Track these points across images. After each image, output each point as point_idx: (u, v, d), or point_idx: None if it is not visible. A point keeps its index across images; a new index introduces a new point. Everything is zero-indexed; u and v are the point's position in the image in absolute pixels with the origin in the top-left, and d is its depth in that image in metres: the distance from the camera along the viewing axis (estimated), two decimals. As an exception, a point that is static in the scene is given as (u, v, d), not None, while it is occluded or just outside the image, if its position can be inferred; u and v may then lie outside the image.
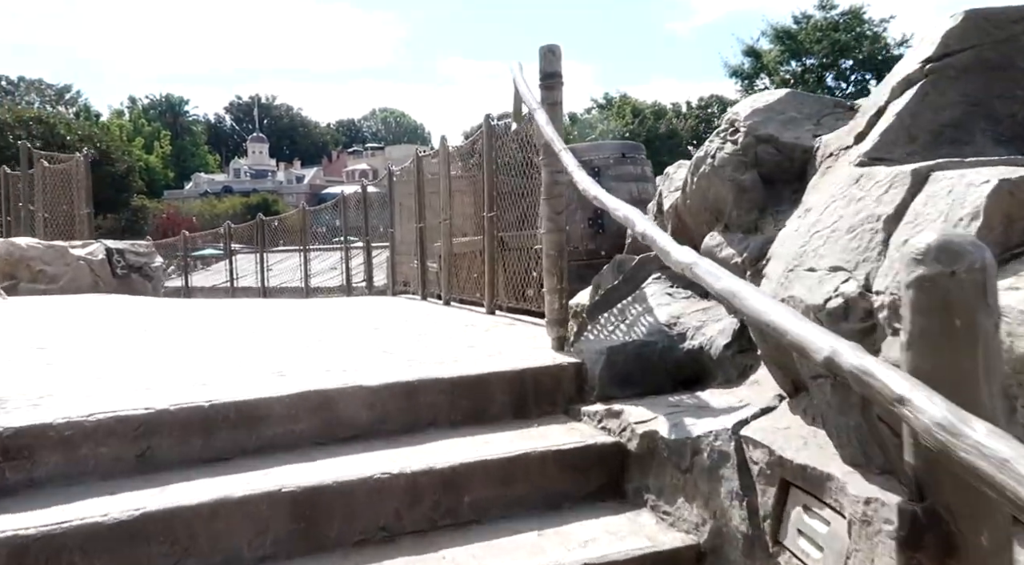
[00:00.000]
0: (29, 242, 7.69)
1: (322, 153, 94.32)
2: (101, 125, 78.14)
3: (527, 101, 3.16)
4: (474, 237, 6.39)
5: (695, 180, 2.90)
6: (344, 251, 10.58)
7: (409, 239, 8.55)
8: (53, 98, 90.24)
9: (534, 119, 3.25)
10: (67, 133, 57.67)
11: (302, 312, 5.78)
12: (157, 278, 8.71)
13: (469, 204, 6.52)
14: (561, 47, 3.30)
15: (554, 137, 2.95)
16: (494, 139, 5.52)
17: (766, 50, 47.10)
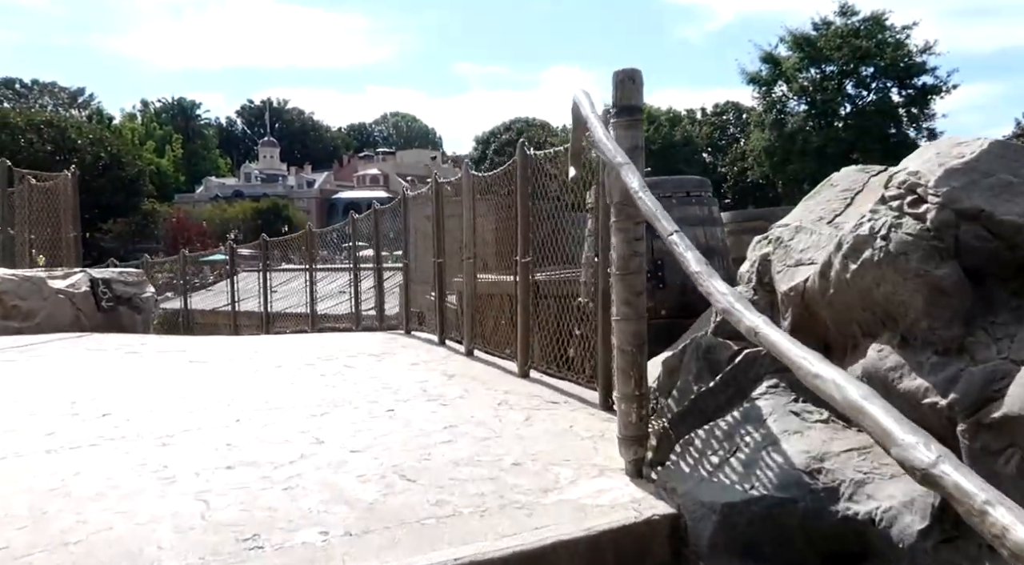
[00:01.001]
0: (3, 274, 6.91)
1: (333, 157, 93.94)
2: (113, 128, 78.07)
3: (600, 146, 2.28)
4: (502, 277, 5.55)
5: (850, 266, 2.04)
6: (353, 273, 9.75)
7: (425, 266, 7.73)
8: (66, 101, 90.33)
9: (614, 173, 2.39)
10: (78, 137, 57.52)
11: (299, 373, 4.93)
12: (147, 310, 7.91)
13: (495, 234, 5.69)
14: (642, 73, 2.46)
15: (642, 194, 2.09)
16: (530, 170, 4.68)
17: (784, 57, 46.18)
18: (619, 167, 2.09)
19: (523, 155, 4.72)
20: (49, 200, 8.58)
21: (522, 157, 4.73)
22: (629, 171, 2.09)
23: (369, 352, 5.90)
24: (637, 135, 2.45)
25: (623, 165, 2.13)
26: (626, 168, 2.10)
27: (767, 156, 47.10)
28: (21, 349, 5.38)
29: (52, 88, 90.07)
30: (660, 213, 1.93)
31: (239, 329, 11.59)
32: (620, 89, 2.44)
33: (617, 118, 2.45)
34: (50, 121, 58.94)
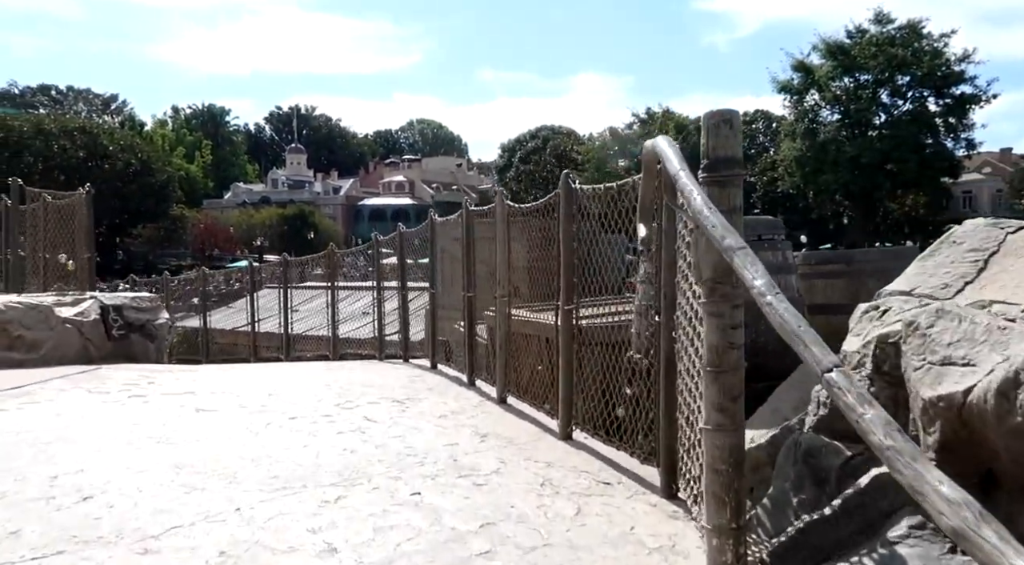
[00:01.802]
0: (8, 301, 6.53)
1: (359, 164, 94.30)
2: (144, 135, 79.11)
3: (702, 220, 1.72)
4: (539, 317, 5.02)
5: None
6: (376, 300, 9.28)
7: (453, 290, 7.25)
8: (99, 107, 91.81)
9: (706, 244, 1.85)
10: (110, 143, 58.20)
11: (315, 428, 4.44)
12: (161, 337, 7.50)
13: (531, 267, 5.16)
14: (739, 115, 1.93)
15: (751, 269, 1.53)
16: (575, 205, 4.14)
17: (816, 65, 45.22)
18: (731, 253, 1.55)
19: (567, 188, 4.19)
20: (64, 219, 8.24)
21: (566, 190, 4.20)
22: (745, 259, 1.53)
23: (392, 397, 5.40)
24: (735, 194, 1.92)
25: (735, 251, 1.58)
26: (741, 255, 1.54)
27: (798, 166, 46.09)
28: (14, 394, 4.95)
29: (86, 95, 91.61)
30: (752, 268, 1.39)
31: (258, 351, 11.19)
32: (714, 135, 1.91)
33: (709, 173, 1.92)
34: (83, 127, 59.73)
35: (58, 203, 8.42)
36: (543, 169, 64.75)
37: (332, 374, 6.82)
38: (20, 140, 54.56)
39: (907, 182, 44.81)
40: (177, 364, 12.51)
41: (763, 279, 1.38)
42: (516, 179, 67.60)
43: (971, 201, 54.75)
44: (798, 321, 1.46)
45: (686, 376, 2.78)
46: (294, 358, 10.52)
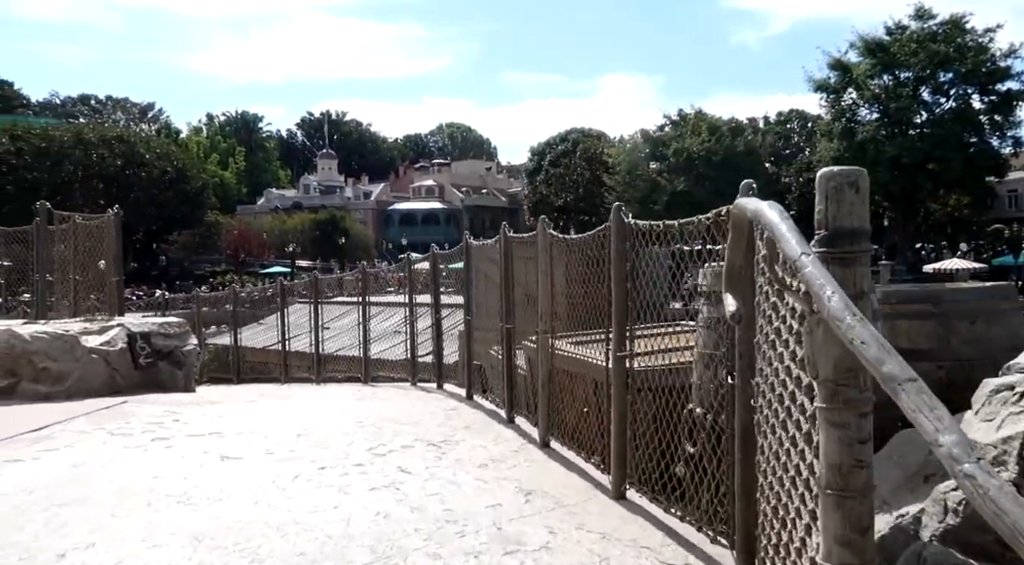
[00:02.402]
0: (34, 331, 6.36)
1: (389, 168, 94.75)
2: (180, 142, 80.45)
3: (834, 315, 1.32)
4: (586, 353, 4.65)
5: None
6: (409, 316, 8.98)
7: (490, 311, 6.92)
8: (137, 116, 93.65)
9: (824, 333, 1.47)
10: (146, 151, 59.19)
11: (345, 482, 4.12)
12: (189, 364, 7.28)
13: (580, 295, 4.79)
14: (866, 175, 1.55)
15: (930, 416, 1.15)
16: (629, 242, 3.76)
17: (854, 63, 44.11)
18: (895, 385, 1.16)
19: (620, 222, 3.81)
20: (93, 241, 8.09)
21: (618, 224, 3.82)
22: (919, 399, 1.13)
23: (428, 438, 5.06)
24: (862, 275, 1.54)
25: (902, 384, 1.19)
26: (912, 392, 1.14)
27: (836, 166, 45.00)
28: (34, 438, 4.73)
29: (124, 103, 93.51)
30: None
31: (290, 370, 10.98)
32: (835, 201, 1.54)
33: (829, 247, 1.54)
34: (121, 136, 60.85)
35: (87, 224, 8.29)
36: (573, 172, 64.22)
37: (364, 405, 6.52)
38: (61, 149, 55.73)
39: (950, 182, 43.48)
40: (208, 384, 12.43)
41: (953, 436, 0.99)
42: (546, 182, 67.16)
43: (1017, 201, 52.89)
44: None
45: (771, 457, 2.40)
46: (325, 379, 10.28)
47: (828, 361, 1.55)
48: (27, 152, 54.36)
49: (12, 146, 54.27)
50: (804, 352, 1.65)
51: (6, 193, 52.77)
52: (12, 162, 53.71)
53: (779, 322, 2.15)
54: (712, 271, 3.55)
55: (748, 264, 2.02)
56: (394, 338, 10.65)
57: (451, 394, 7.37)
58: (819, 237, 1.58)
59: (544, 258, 4.87)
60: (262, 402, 6.75)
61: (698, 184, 50.92)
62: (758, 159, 54.71)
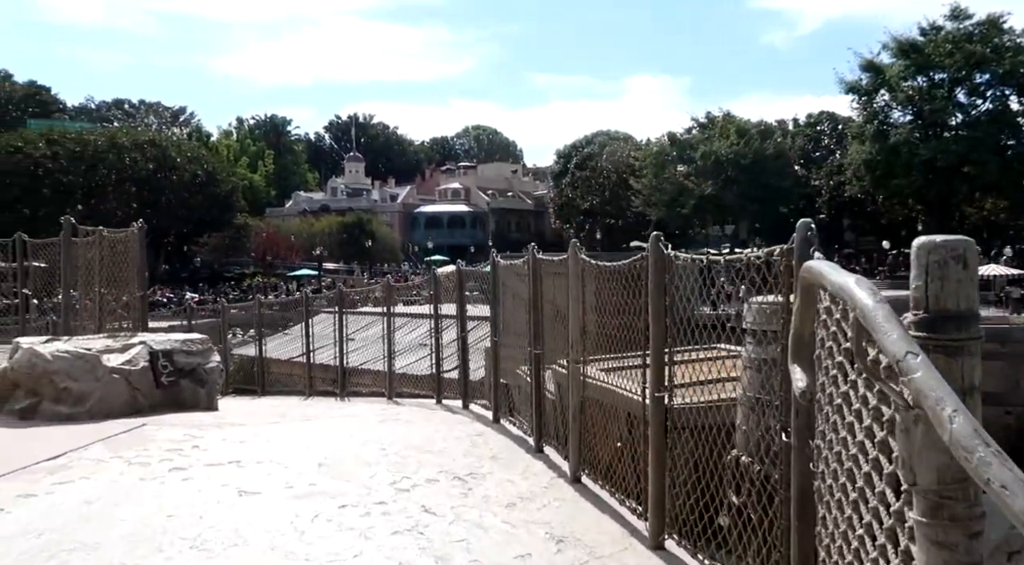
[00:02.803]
0: (55, 350, 6.29)
1: (416, 171, 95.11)
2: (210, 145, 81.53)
3: (958, 441, 1.10)
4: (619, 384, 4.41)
5: None
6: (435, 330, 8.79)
7: (517, 329, 6.70)
8: (169, 120, 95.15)
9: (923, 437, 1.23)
10: (177, 155, 60.01)
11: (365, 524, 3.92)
12: (212, 382, 7.16)
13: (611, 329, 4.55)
14: (974, 245, 1.30)
15: None
16: (668, 274, 3.52)
17: (887, 64, 43.15)
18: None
19: (658, 252, 3.57)
20: (118, 256, 8.03)
21: (656, 254, 3.57)
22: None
23: (453, 470, 4.86)
24: (972, 367, 1.29)
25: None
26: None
27: (868, 169, 44.08)
28: (50, 467, 4.62)
29: (157, 107, 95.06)
30: None
31: (314, 382, 10.87)
32: (938, 278, 1.29)
33: (932, 332, 1.28)
34: (153, 140, 61.77)
35: (112, 237, 8.23)
36: (599, 175, 63.77)
37: (387, 429, 6.34)
38: (95, 153, 56.73)
39: (986, 185, 42.34)
40: (233, 395, 12.39)
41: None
42: (572, 185, 66.78)
43: (1057, 205, 51.32)
44: None
45: (837, 536, 2.15)
46: (349, 393, 10.15)
47: (930, 469, 1.31)
48: (63, 156, 55.43)
49: (48, 150, 55.38)
50: (898, 451, 1.41)
51: (42, 197, 53.85)
52: (48, 166, 54.81)
53: (847, 387, 1.90)
54: (759, 308, 3.30)
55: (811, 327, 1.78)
56: (419, 351, 10.48)
57: (477, 416, 7.16)
58: (917, 319, 1.34)
59: (575, 284, 4.64)
60: (284, 424, 6.61)
61: (726, 187, 50.24)
62: (787, 162, 53.86)
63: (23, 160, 54.34)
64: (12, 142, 55.51)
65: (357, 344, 11.47)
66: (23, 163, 54.20)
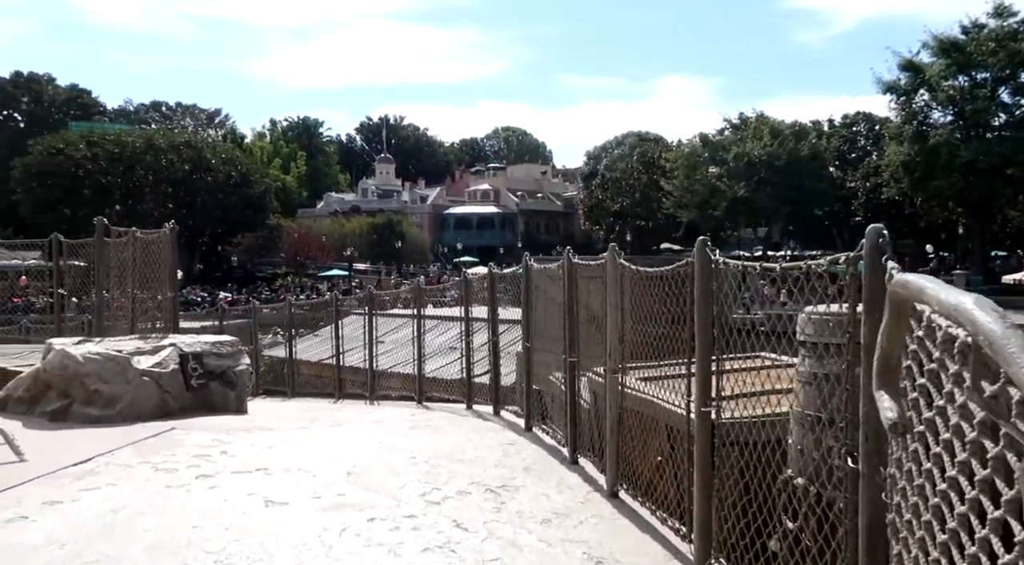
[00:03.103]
0: (87, 352, 6.26)
1: (446, 172, 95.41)
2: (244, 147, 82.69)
3: None
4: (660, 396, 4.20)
5: None
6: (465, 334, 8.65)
7: (549, 332, 6.53)
8: (204, 122, 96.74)
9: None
10: (212, 156, 60.94)
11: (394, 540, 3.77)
12: (242, 384, 7.10)
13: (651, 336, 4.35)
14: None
15: None
16: (715, 283, 3.31)
17: (926, 63, 42.02)
18: None
19: (705, 259, 3.36)
20: (150, 256, 8.03)
21: (703, 261, 3.37)
22: None
23: (485, 482, 4.69)
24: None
25: None
26: None
27: (906, 171, 42.97)
28: (77, 473, 4.55)
29: (193, 110, 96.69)
30: None
31: (343, 385, 10.80)
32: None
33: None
34: (188, 142, 62.81)
35: (145, 238, 8.23)
36: (630, 176, 63.21)
37: (417, 436, 6.20)
38: (133, 155, 57.85)
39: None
40: (264, 396, 12.40)
41: None
42: (602, 187, 66.30)
43: (1106, 208, 49.60)
44: None
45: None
46: (379, 397, 10.05)
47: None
48: (102, 157, 56.62)
49: (88, 152, 56.61)
50: (1013, 494, 1.20)
51: (82, 197, 55.10)
52: (88, 167, 56.02)
53: (933, 413, 1.68)
54: (818, 320, 3.07)
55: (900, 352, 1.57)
56: (449, 354, 10.35)
57: (509, 423, 6.98)
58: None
59: (614, 290, 4.44)
60: (313, 429, 6.50)
61: (759, 189, 49.41)
62: (823, 163, 52.82)
63: (64, 161, 55.62)
64: (54, 144, 56.87)
65: (387, 346, 11.38)
66: (64, 164, 55.49)
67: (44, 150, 56.33)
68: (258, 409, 7.52)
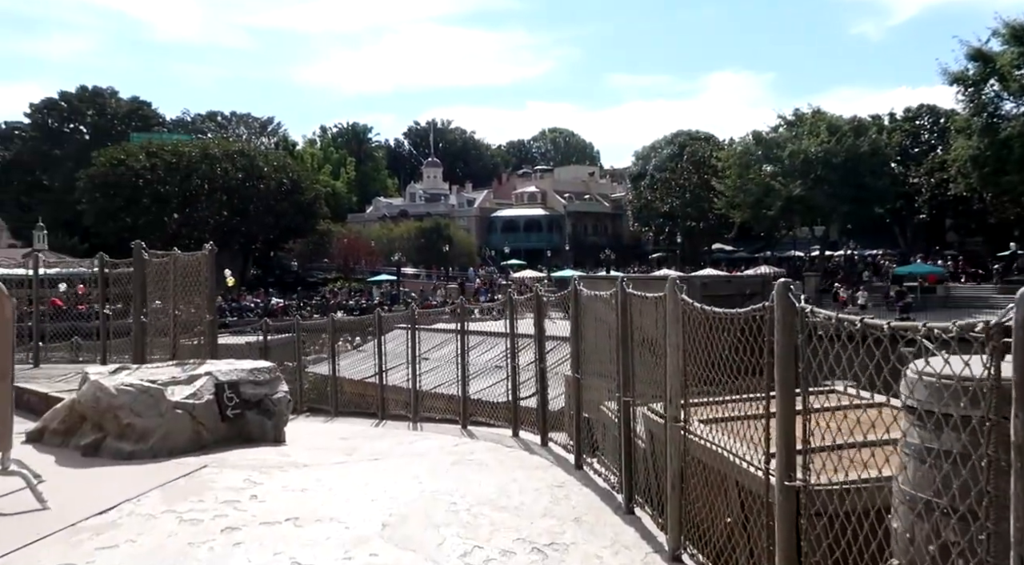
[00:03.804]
0: (120, 384, 6.06)
1: (493, 175, 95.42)
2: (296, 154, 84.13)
3: None
4: (732, 448, 3.69)
5: None
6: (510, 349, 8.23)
7: (601, 357, 6.08)
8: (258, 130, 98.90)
9: None
10: (264, 164, 62.14)
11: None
12: (280, 413, 6.82)
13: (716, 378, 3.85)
14: None
15: None
16: (803, 334, 2.80)
17: (997, 52, 39.85)
18: None
19: (787, 305, 2.85)
20: (188, 280, 7.85)
21: (786, 308, 2.86)
22: None
23: (531, 539, 4.25)
24: None
25: None
26: None
27: (975, 166, 40.87)
28: (96, 526, 4.28)
29: (247, 118, 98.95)
30: None
31: (387, 405, 10.50)
32: None
33: None
34: (242, 150, 64.18)
35: (185, 258, 8.06)
36: (680, 177, 61.84)
37: (459, 475, 5.79)
38: (189, 164, 59.43)
39: (1112, 182, 38.52)
40: (308, 414, 12.24)
41: None
42: (651, 187, 65.05)
43: None
44: None
45: None
46: (422, 418, 9.71)
47: None
48: (160, 167, 58.30)
49: (147, 162, 58.36)
50: None
51: (142, 206, 56.82)
52: (147, 177, 57.75)
53: None
54: (932, 383, 2.54)
55: None
56: (494, 374, 9.95)
57: (557, 458, 6.52)
58: None
59: (675, 330, 3.95)
60: (350, 465, 6.16)
61: (816, 187, 47.67)
62: (884, 160, 50.70)
63: (125, 172, 57.45)
64: (116, 155, 58.83)
65: (430, 364, 11.04)
66: (125, 175, 57.32)
67: (106, 161, 58.33)
68: (297, 435, 7.24)
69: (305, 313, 48.41)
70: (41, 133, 77.42)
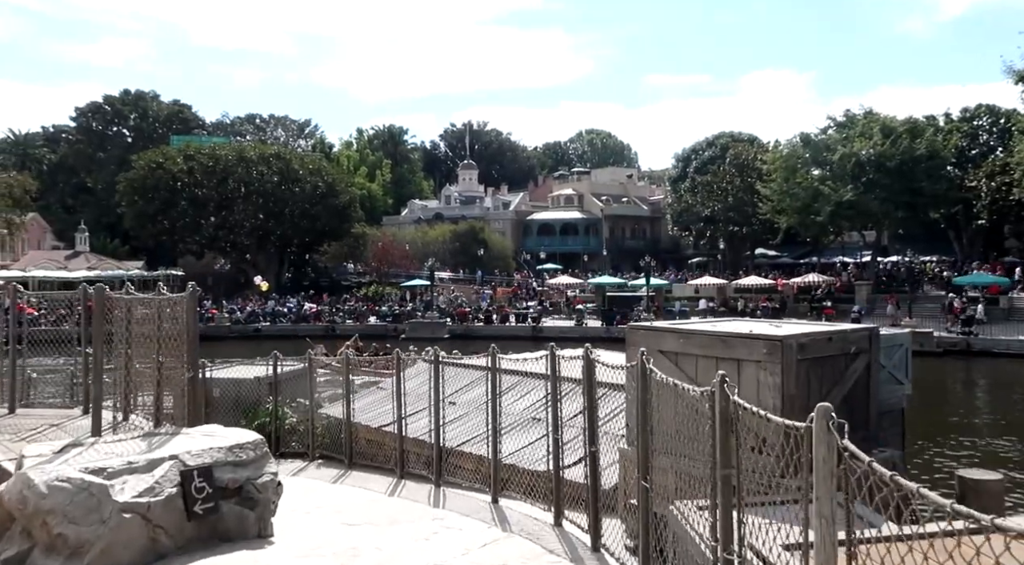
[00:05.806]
0: (55, 478, 4.76)
1: (528, 177, 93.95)
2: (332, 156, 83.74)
3: None
4: None
5: None
6: (552, 429, 6.78)
7: (677, 437, 4.68)
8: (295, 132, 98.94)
9: None
10: (300, 167, 61.63)
11: None
12: (265, 501, 5.47)
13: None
14: None
15: None
16: None
17: (1067, 47, 37.07)
18: None
19: None
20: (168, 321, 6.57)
21: None
22: None
23: None
24: None
25: None
26: None
27: (1041, 169, 38.14)
28: None
29: (284, 121, 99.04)
30: None
31: (406, 461, 9.11)
32: None
33: None
34: (278, 154, 63.76)
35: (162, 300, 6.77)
36: (722, 180, 59.48)
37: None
38: (226, 167, 59.23)
39: None
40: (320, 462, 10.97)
41: None
42: (691, 190, 62.79)
43: None
44: None
45: None
46: (447, 483, 8.31)
47: None
48: (197, 171, 58.19)
49: (185, 165, 58.32)
50: None
51: (180, 209, 56.69)
52: (185, 180, 57.69)
53: None
54: None
55: None
56: (532, 428, 8.52)
57: (614, 559, 5.05)
58: None
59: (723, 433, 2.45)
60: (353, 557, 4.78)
61: (868, 192, 45.13)
62: (941, 162, 47.88)
63: (163, 175, 57.44)
64: (154, 158, 58.91)
65: (457, 410, 9.64)
66: (163, 178, 57.33)
67: (145, 165, 58.44)
68: (290, 520, 5.90)
69: (338, 319, 47.65)
70: (86, 136, 78.42)
